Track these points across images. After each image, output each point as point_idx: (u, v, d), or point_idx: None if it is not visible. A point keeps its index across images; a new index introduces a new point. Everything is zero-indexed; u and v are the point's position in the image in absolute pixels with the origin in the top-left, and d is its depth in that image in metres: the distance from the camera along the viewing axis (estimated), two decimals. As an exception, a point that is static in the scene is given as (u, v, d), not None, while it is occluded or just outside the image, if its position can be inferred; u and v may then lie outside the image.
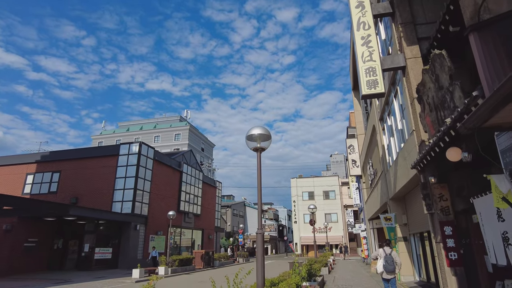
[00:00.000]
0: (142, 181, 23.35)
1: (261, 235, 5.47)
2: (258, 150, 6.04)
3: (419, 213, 10.33)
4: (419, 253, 11.11)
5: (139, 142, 23.78)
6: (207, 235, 33.40)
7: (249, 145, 6.13)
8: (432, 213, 7.09)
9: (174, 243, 28.54)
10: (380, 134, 13.56)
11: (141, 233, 22.91)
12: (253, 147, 6.08)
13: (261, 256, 5.31)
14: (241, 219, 63.44)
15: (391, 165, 11.88)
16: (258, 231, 5.52)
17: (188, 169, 30.16)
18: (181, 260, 19.26)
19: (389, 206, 12.81)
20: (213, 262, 23.98)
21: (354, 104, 25.46)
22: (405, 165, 9.25)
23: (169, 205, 26.49)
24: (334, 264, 24.82)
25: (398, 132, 10.59)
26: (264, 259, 5.36)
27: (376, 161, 16.13)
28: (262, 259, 5.30)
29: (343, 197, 45.06)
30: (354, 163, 24.11)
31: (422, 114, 6.91)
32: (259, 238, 5.45)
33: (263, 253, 5.36)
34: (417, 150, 7.87)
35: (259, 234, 5.48)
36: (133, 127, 67.90)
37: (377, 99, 13.74)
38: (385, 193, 13.40)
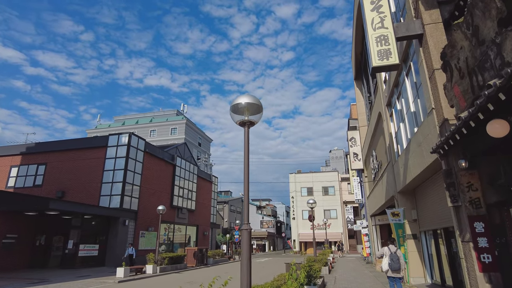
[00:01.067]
0: (131, 174, 22.08)
1: (247, 232, 4.24)
2: (245, 125, 4.79)
3: (432, 207, 9.13)
4: (431, 252, 9.91)
5: (128, 133, 22.48)
6: (202, 231, 32.20)
7: (234, 118, 4.87)
8: (457, 206, 5.85)
9: (168, 239, 27.37)
10: (387, 121, 12.31)
11: (131, 229, 21.68)
12: (239, 121, 4.82)
13: (247, 259, 4.07)
14: (238, 215, 62.32)
15: (400, 155, 10.64)
16: (244, 227, 4.28)
17: (182, 162, 28.89)
18: (171, 258, 18.06)
19: (396, 200, 11.59)
20: (206, 260, 22.80)
21: (356, 95, 24.21)
22: (419, 151, 8.01)
23: (161, 200, 25.24)
24: (333, 263, 23.68)
25: (410, 116, 9.34)
26: (250, 262, 4.12)
27: (381, 152, 14.90)
28: (247, 263, 4.06)
29: (343, 193, 43.88)
30: (355, 156, 22.87)
31: (448, 85, 5.66)
32: (244, 236, 4.22)
33: (249, 255, 4.12)
34: (437, 132, 6.63)
35: (245, 231, 4.25)
36: (129, 121, 66.54)
37: (385, 82, 12.50)
38: (392, 186, 12.17)
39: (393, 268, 7.83)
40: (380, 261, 9.51)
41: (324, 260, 15.21)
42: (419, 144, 8.10)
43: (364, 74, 21.70)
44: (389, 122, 12.09)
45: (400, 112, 10.53)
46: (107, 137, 22.83)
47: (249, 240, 4.17)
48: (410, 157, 9.02)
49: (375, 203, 18.10)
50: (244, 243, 4.16)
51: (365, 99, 22.24)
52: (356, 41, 20.55)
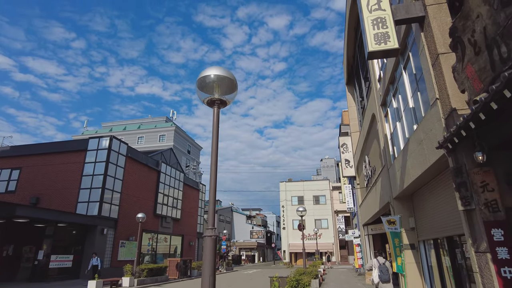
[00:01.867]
0: (111, 179, 20.85)
1: (211, 240, 3.24)
2: (215, 105, 3.85)
3: (432, 214, 8.24)
4: (432, 264, 8.98)
5: (109, 135, 21.32)
6: (187, 241, 30.84)
7: (201, 96, 3.91)
8: (470, 209, 4.96)
9: (152, 250, 26.01)
10: (381, 122, 11.49)
11: (109, 238, 20.34)
12: (207, 99, 3.88)
13: (209, 274, 3.08)
14: (227, 225, 60.86)
15: (397, 157, 9.80)
16: (208, 233, 3.30)
17: (167, 169, 27.71)
18: (151, 270, 16.79)
19: (392, 207, 10.70)
20: (190, 272, 21.51)
21: (348, 100, 23.55)
22: (420, 150, 7.15)
23: (144, 207, 23.96)
24: (324, 274, 22.60)
25: (408, 113, 8.51)
26: (214, 278, 3.12)
27: (375, 157, 14.07)
28: (210, 279, 3.07)
29: (334, 202, 43.00)
30: (347, 163, 22.05)
31: (459, 66, 4.81)
32: (208, 244, 3.23)
33: (212, 269, 3.13)
34: (442, 125, 5.77)
35: (209, 238, 3.26)
36: (116, 128, 64.97)
37: (379, 81, 11.73)
38: (387, 192, 11.29)
39: (383, 279, 7.87)
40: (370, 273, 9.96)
41: (315, 272, 14.17)
42: (419, 142, 7.24)
43: (356, 78, 21.07)
44: (384, 123, 11.28)
45: (397, 110, 9.71)
46: (87, 140, 21.64)
47: (213, 250, 3.18)
48: (409, 158, 8.16)
49: (368, 212, 17.20)
50: (207, 253, 3.17)
51: (357, 104, 21.57)
52: (348, 44, 19.95)
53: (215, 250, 3.19)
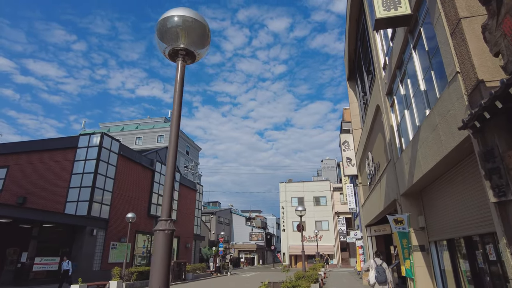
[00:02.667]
0: (102, 178, 19.93)
1: (165, 235, 2.32)
2: (179, 57, 2.92)
3: (447, 212, 7.32)
4: (445, 268, 8.03)
5: (101, 132, 20.42)
6: (184, 243, 29.87)
7: (161, 46, 2.98)
8: (505, 201, 4.03)
9: (148, 252, 25.09)
10: (387, 113, 10.58)
11: (99, 239, 19.40)
12: (169, 50, 2.96)
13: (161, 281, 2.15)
14: (227, 227, 59.91)
15: (405, 149, 8.87)
16: (160, 226, 2.37)
17: (163, 168, 26.79)
18: (141, 273, 15.84)
19: (399, 204, 9.76)
20: (185, 275, 20.54)
21: (349, 96, 22.66)
22: (435, 137, 6.24)
23: (137, 208, 23.04)
24: (325, 278, 21.62)
25: (419, 97, 7.60)
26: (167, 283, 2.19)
27: (379, 152, 13.15)
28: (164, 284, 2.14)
29: (335, 203, 42.00)
30: (349, 161, 21.12)
31: (491, 23, 3.90)
32: (159, 240, 2.30)
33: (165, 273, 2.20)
34: (465, 102, 4.86)
35: (161, 232, 2.33)
36: (114, 128, 64.14)
37: (384, 69, 10.83)
38: (393, 189, 10.35)
39: (380, 280, 7.84)
40: (367, 274, 9.46)
41: (315, 276, 13.21)
42: (433, 128, 6.32)
43: (358, 72, 20.20)
44: (390, 113, 10.36)
45: (405, 97, 8.80)
46: (78, 137, 20.74)
47: (166, 248, 2.25)
48: (420, 148, 7.24)
49: (371, 212, 16.25)
50: (158, 254, 2.24)
51: (359, 100, 20.69)
52: (350, 37, 19.08)
53: (169, 250, 2.27)
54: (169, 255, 2.26)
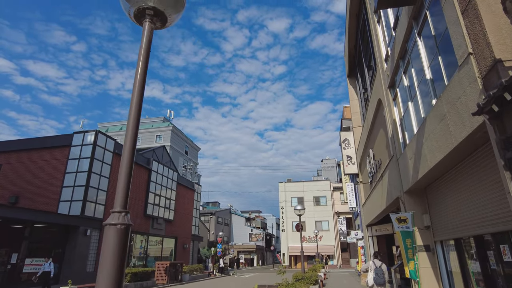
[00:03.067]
0: (97, 177, 19.46)
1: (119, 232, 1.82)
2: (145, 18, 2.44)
3: (454, 209, 6.84)
4: (452, 269, 7.55)
5: (95, 130, 19.95)
6: (181, 244, 29.38)
7: (125, 6, 2.49)
8: (528, 194, 3.55)
9: (145, 252, 24.60)
10: (389, 107, 10.11)
11: (94, 240, 18.91)
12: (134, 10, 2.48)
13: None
14: (226, 228, 59.41)
15: (408, 144, 8.39)
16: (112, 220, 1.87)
17: (159, 167, 26.31)
18: (135, 274, 15.37)
19: (403, 202, 9.28)
20: (181, 276, 20.05)
21: (350, 93, 22.20)
22: (443, 128, 5.76)
23: (133, 208, 22.57)
24: (325, 279, 21.14)
25: (424, 88, 7.13)
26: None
27: (381, 148, 12.67)
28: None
29: (335, 203, 41.51)
30: (349, 159, 20.64)
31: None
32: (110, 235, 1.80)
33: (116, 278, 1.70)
34: (479, 86, 4.39)
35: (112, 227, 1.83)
36: (113, 128, 63.72)
37: (386, 61, 10.36)
38: (396, 186, 9.87)
39: (378, 282, 7.80)
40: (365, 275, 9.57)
41: (314, 278, 12.73)
42: (440, 119, 5.84)
43: (358, 68, 19.75)
44: (392, 107, 9.89)
45: (408, 88, 8.32)
46: (72, 135, 20.26)
47: (119, 247, 1.77)
48: (426, 141, 6.76)
49: (372, 211, 15.77)
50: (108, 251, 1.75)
51: (360, 97, 20.25)
52: (350, 33, 18.64)
53: (123, 250, 1.80)
54: (122, 256, 1.79)
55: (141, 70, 2.25)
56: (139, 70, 2.25)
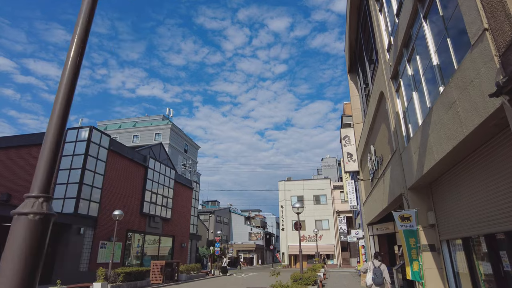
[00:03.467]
0: (91, 174, 18.99)
1: (31, 223, 1.29)
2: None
3: (463, 206, 6.36)
4: (460, 270, 7.06)
5: (89, 126, 19.48)
6: (179, 243, 28.92)
7: None
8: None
9: (141, 251, 24.14)
10: (392, 100, 9.62)
11: (87, 238, 18.46)
12: None
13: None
14: (225, 227, 59.01)
15: (412, 137, 7.90)
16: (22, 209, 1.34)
17: (156, 165, 25.83)
18: (129, 274, 14.90)
19: (406, 199, 8.79)
20: (177, 276, 19.58)
21: (350, 89, 21.72)
22: (452, 117, 5.27)
23: (129, 206, 22.11)
24: (325, 279, 20.67)
25: (430, 75, 6.64)
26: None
27: (382, 144, 12.18)
28: None
29: (336, 202, 41.01)
30: (350, 156, 20.14)
31: None
32: (20, 227, 1.28)
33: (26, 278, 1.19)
34: (495, 65, 3.89)
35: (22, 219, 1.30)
36: (111, 126, 63.26)
37: (388, 51, 9.87)
38: (399, 182, 9.38)
39: (377, 282, 7.84)
40: (365, 275, 9.46)
41: (313, 278, 12.24)
42: (449, 106, 5.35)
43: (359, 63, 19.27)
44: (395, 99, 9.39)
45: (413, 78, 7.83)
46: (66, 131, 19.74)
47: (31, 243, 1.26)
48: (432, 132, 6.27)
49: (373, 209, 15.28)
50: (14, 246, 1.24)
51: (361, 93, 19.77)
52: (350, 27, 18.17)
53: (38, 248, 1.31)
54: (34, 256, 1.30)
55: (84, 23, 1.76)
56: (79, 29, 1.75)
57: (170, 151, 57.77)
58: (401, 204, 10.02)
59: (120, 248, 20.93)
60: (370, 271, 8.21)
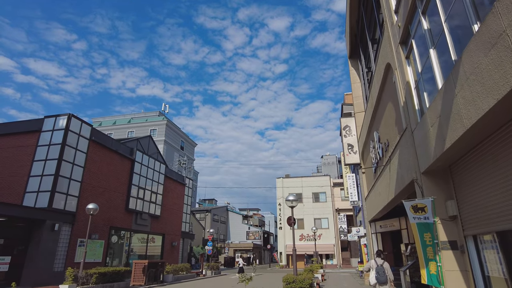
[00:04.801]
0: (69, 166, 17.45)
1: None
2: None
3: (495, 191, 4.81)
4: (491, 274, 5.49)
5: (68, 114, 17.93)
6: (169, 241, 27.37)
7: None
8: None
9: (128, 250, 22.60)
10: (401, 68, 8.06)
11: (64, 236, 16.92)
12: None
13: None
14: (222, 226, 57.49)
15: (430, 106, 6.32)
16: None
17: (144, 158, 24.27)
18: (103, 275, 13.35)
19: (419, 186, 7.23)
20: (163, 277, 18.03)
21: (351, 76, 20.19)
22: (496, 58, 3.71)
23: (112, 201, 20.57)
24: (323, 281, 19.11)
25: (458, 18, 5.07)
26: None
27: (389, 127, 10.62)
28: None
29: (336, 200, 39.41)
30: (350, 148, 18.57)
31: None
32: None
33: None
34: None
35: None
36: (106, 122, 61.73)
37: (396, 13, 8.30)
38: (410, 167, 7.82)
39: (380, 281, 7.71)
40: (368, 274, 9.28)
41: (308, 281, 10.67)
42: (493, 44, 3.78)
43: (361, 46, 17.74)
44: (405, 67, 7.83)
45: (429, 32, 6.26)
46: (42, 120, 18.26)
47: None
48: (461, 91, 4.70)
49: (376, 204, 13.72)
50: None
51: (362, 79, 18.27)
52: (351, 7, 16.62)
53: None
54: None
55: None
56: None
57: (165, 147, 56.19)
58: (412, 194, 8.46)
59: (102, 246, 19.37)
60: (372, 269, 7.95)
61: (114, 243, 21.32)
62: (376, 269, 7.86)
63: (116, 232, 21.19)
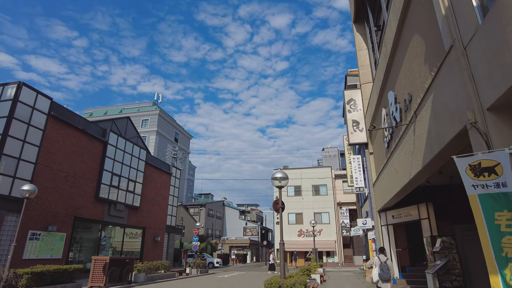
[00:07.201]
0: (18, 143, 14.57)
1: None
2: None
3: None
4: None
5: (18, 82, 15.03)
6: (151, 236, 24.50)
7: None
8: None
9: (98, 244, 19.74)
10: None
11: (8, 227, 14.06)
12: None
13: None
14: (218, 221, 54.70)
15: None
16: None
17: (120, 141, 21.35)
18: (39, 275, 10.44)
19: (482, 133, 4.27)
20: (131, 277, 15.17)
21: (357, 43, 17.21)
22: None
23: (78, 187, 17.70)
24: (323, 281, 16.23)
25: None
26: None
27: (411, 77, 7.65)
28: None
29: (337, 193, 36.46)
30: (356, 125, 15.63)
31: None
32: None
33: None
34: None
35: None
36: (97, 112, 58.99)
37: None
38: (459, 107, 4.86)
39: (384, 278, 7.62)
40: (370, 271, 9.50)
41: (299, 287, 7.75)
42: None
43: (369, 3, 14.75)
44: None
45: None
46: (-12, 91, 15.31)
47: None
48: None
49: (391, 186, 10.77)
50: None
51: (371, 42, 15.33)
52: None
53: None
54: None
55: None
56: None
57: (157, 138, 53.30)
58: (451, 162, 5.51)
59: (63, 240, 16.51)
60: (376, 266, 7.82)
61: (82, 238, 18.48)
62: (380, 266, 7.67)
63: (83, 223, 18.33)
